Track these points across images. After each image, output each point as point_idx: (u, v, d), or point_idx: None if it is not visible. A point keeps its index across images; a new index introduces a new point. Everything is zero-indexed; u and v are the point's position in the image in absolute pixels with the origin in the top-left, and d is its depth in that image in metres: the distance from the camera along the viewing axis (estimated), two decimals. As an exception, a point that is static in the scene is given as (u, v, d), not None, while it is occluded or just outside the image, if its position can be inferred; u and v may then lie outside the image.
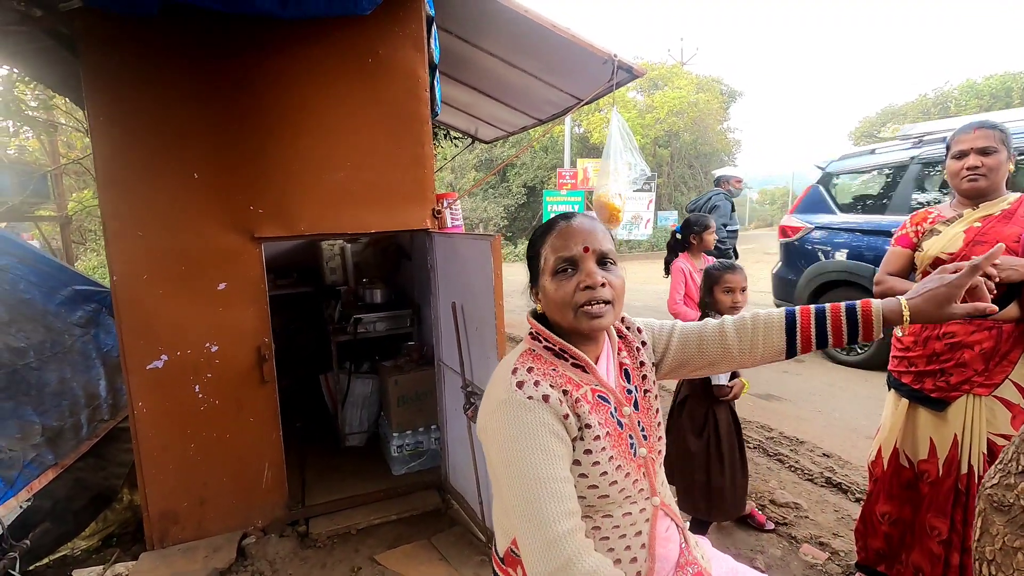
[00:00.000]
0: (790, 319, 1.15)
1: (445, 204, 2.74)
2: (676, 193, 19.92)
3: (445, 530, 2.62)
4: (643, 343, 1.22)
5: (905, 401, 2.00)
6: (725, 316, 1.24)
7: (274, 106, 2.37)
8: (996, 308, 1.02)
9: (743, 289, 2.32)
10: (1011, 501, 0.83)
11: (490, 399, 1.06)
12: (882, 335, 1.09)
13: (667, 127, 18.23)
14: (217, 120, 2.31)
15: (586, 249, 1.06)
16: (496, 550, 1.18)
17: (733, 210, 5.20)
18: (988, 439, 1.81)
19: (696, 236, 3.21)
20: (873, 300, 1.10)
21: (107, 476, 2.71)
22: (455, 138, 6.14)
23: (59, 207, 6.30)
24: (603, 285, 1.05)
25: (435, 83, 2.81)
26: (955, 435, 1.86)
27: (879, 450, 2.10)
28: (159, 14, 2.02)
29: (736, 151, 21.79)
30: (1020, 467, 0.84)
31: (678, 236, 3.35)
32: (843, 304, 1.12)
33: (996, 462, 0.92)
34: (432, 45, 2.63)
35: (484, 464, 2.34)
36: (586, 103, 3.55)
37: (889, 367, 2.08)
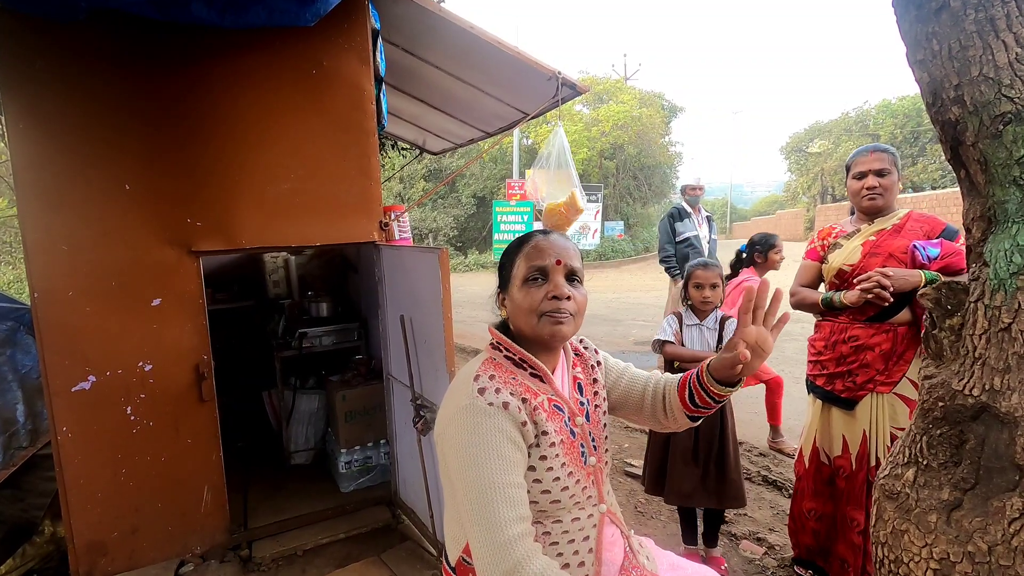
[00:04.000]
0: (680, 383, 1.26)
1: (393, 216, 2.73)
2: (622, 204, 20.50)
3: (396, 545, 2.59)
4: (598, 362, 1.29)
5: (820, 402, 2.16)
6: (655, 375, 1.33)
7: (213, 116, 2.30)
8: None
9: (713, 286, 2.36)
10: (899, 489, 0.93)
11: (450, 405, 1.08)
12: (722, 394, 1.19)
13: (612, 140, 18.78)
14: (152, 130, 2.22)
15: (558, 262, 1.11)
16: (447, 560, 1.19)
17: (683, 218, 4.94)
18: (891, 433, 1.99)
19: (760, 255, 3.29)
20: (706, 364, 1.20)
21: (26, 508, 2.51)
22: (403, 149, 6.11)
23: (-31, 218, 5.83)
24: (568, 298, 1.10)
25: (381, 95, 2.80)
26: (864, 431, 2.04)
27: (800, 450, 2.25)
28: (87, 19, 1.93)
29: (677, 164, 22.67)
30: (906, 459, 0.94)
31: (743, 255, 3.41)
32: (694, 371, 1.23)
33: (888, 455, 1.03)
34: (378, 58, 2.63)
35: (434, 477, 2.34)
36: (532, 118, 3.63)
37: (806, 372, 2.25)
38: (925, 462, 0.93)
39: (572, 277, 1.14)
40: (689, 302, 2.44)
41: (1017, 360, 0.94)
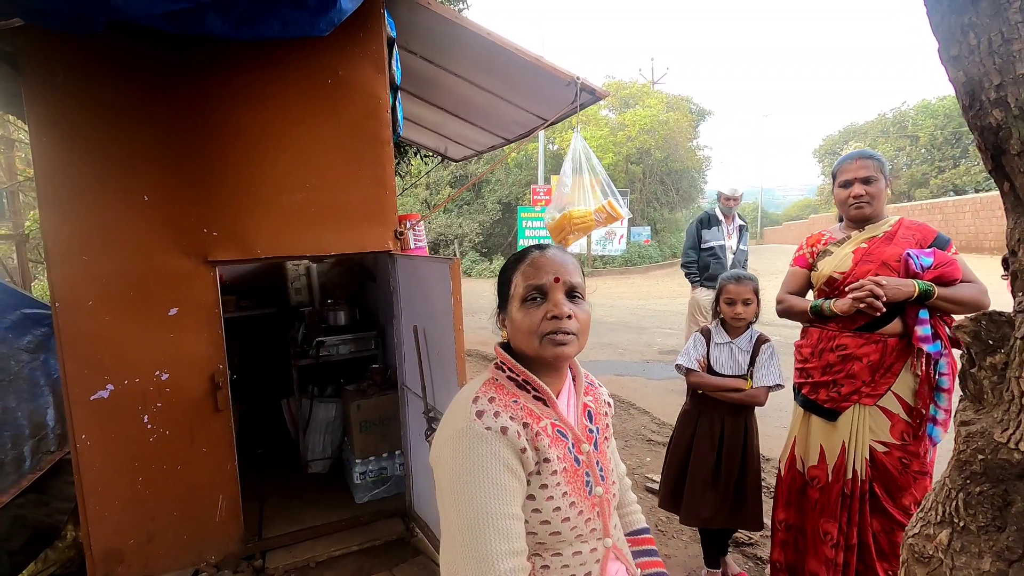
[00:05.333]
0: (631, 535, 1.25)
1: (408, 225, 2.71)
2: (649, 209, 20.22)
3: (408, 560, 2.55)
4: (609, 403, 1.23)
5: (802, 410, 2.10)
6: (627, 483, 1.31)
7: (229, 126, 2.31)
8: None
9: (745, 301, 2.18)
10: (931, 553, 0.82)
11: (447, 427, 1.03)
12: None
13: (638, 145, 18.55)
14: (169, 141, 2.25)
15: (556, 280, 1.05)
16: (444, 590, 1.14)
17: (711, 225, 4.81)
18: (870, 445, 1.92)
19: None
20: None
21: (50, 512, 2.56)
22: (426, 156, 6.12)
23: (15, 225, 6.07)
24: (569, 317, 1.04)
25: (397, 103, 2.79)
26: (843, 442, 1.97)
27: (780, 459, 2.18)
28: (106, 33, 1.96)
29: (706, 168, 22.26)
30: (939, 517, 0.83)
31: None
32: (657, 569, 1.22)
33: (918, 510, 0.91)
34: (393, 66, 2.62)
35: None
36: (551, 124, 3.57)
37: (793, 379, 2.16)
38: (962, 524, 0.81)
39: (573, 293, 1.07)
40: (721, 317, 2.29)
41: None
